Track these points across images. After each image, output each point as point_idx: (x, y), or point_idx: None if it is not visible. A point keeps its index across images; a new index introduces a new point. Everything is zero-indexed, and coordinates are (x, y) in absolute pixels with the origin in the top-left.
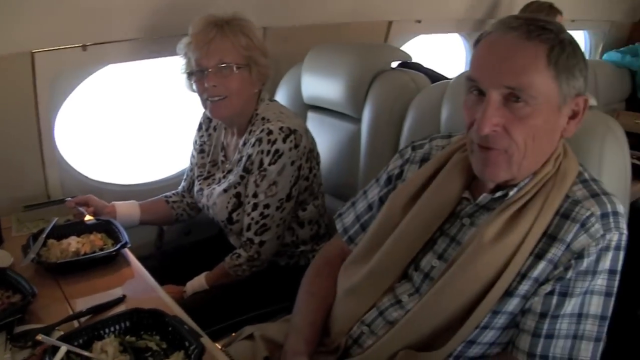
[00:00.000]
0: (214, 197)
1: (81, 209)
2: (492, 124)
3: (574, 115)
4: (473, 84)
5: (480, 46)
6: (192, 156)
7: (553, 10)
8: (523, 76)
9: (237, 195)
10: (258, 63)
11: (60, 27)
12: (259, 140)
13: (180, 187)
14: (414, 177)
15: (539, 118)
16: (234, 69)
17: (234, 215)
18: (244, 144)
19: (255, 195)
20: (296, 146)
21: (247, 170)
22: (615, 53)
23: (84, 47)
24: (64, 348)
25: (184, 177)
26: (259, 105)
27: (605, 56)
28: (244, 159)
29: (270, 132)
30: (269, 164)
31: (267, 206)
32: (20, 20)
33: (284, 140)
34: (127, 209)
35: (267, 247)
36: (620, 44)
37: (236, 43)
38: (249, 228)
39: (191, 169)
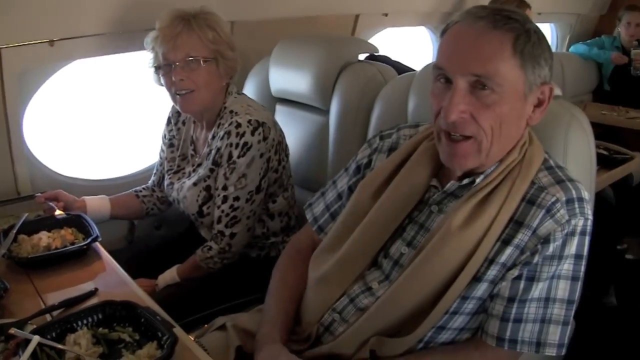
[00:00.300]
0: (184, 190)
1: (51, 204)
2: (459, 111)
3: (539, 104)
4: (440, 72)
5: (448, 35)
6: (162, 150)
7: (523, 3)
8: (489, 64)
9: (207, 189)
10: (225, 56)
11: (27, 22)
12: (228, 133)
13: (150, 182)
14: (382, 166)
15: (505, 105)
16: (201, 62)
17: (205, 208)
18: (213, 137)
19: (225, 188)
20: (264, 138)
21: (216, 164)
22: (582, 45)
23: (52, 42)
24: (36, 338)
25: (154, 171)
26: (227, 99)
27: (572, 48)
28: (213, 152)
29: (238, 125)
30: (238, 157)
31: (237, 198)
32: None
33: (253, 133)
34: (97, 204)
35: (237, 239)
36: (587, 36)
37: (203, 37)
38: (219, 220)
39: (161, 164)
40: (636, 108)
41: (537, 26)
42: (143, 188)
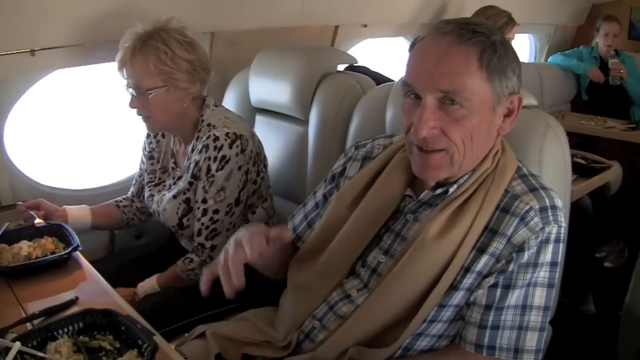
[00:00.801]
0: (163, 203)
1: (32, 212)
2: (429, 127)
3: (509, 114)
4: (408, 89)
5: (415, 51)
6: (142, 162)
7: (511, 21)
8: (456, 80)
9: (187, 201)
10: (177, 81)
11: (7, 31)
12: (206, 146)
13: (129, 192)
14: (359, 177)
15: (474, 119)
16: (149, 94)
17: (184, 220)
18: (193, 150)
19: (204, 201)
20: (242, 151)
21: (195, 177)
22: (560, 55)
23: (33, 52)
24: (17, 345)
25: (133, 182)
26: (205, 112)
27: (550, 59)
28: (192, 165)
29: (216, 139)
30: (217, 170)
31: (216, 211)
32: None
33: (230, 146)
34: (78, 213)
35: (218, 251)
36: (565, 47)
37: (146, 69)
38: (199, 233)
39: (140, 175)
40: (613, 117)
41: (503, 36)
42: (123, 198)
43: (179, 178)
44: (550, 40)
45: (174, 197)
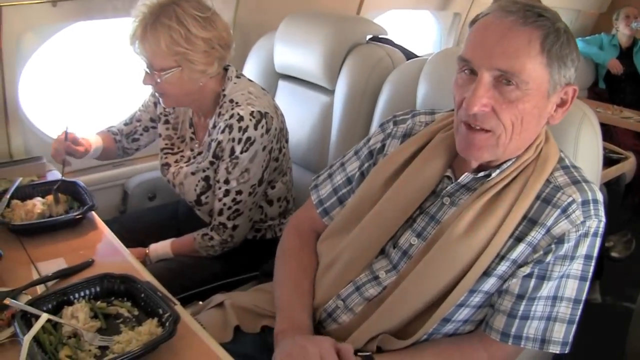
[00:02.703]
0: (180, 176)
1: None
2: (482, 104)
3: (562, 104)
4: (465, 64)
5: (476, 27)
6: (145, 107)
7: (540, 3)
8: (515, 60)
9: (206, 179)
10: (193, 62)
11: None
12: (229, 126)
13: (118, 126)
14: (396, 153)
15: (528, 103)
16: (160, 74)
17: (203, 197)
18: (214, 126)
19: (226, 182)
20: (267, 131)
21: (216, 157)
22: (581, 42)
23: (54, 2)
24: (44, 316)
25: (127, 120)
26: (227, 85)
27: None
28: (214, 144)
29: (241, 119)
30: (241, 152)
31: (239, 192)
32: None
33: (256, 127)
34: (96, 142)
35: (240, 230)
36: (585, 32)
37: (158, 49)
38: (220, 213)
39: (139, 120)
40: (630, 108)
41: (567, 26)
42: (117, 130)
43: (198, 153)
44: (571, 25)
45: (192, 173)
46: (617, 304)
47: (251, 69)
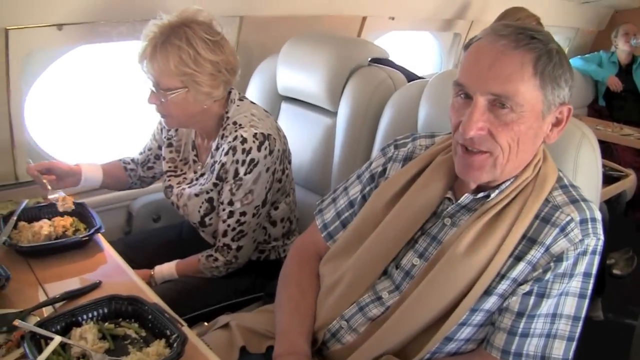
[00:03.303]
0: (184, 198)
1: (42, 179)
2: (478, 128)
3: (557, 123)
4: (460, 89)
5: (469, 52)
6: (154, 137)
7: (539, 25)
8: (509, 84)
9: (210, 200)
10: (199, 84)
11: (36, 5)
12: (233, 148)
13: (136, 157)
14: (397, 176)
15: (523, 124)
16: (166, 94)
17: (207, 219)
18: (217, 148)
19: (231, 203)
20: (270, 152)
21: (220, 179)
22: (580, 60)
23: (60, 26)
24: (57, 339)
25: (141, 150)
26: (230, 107)
27: (570, 62)
28: (217, 166)
29: (244, 140)
30: (245, 174)
31: (243, 214)
32: None
33: (259, 149)
34: (91, 171)
35: (244, 251)
36: (584, 50)
37: (166, 68)
38: (225, 234)
39: (150, 148)
40: (630, 125)
41: (559, 46)
42: (131, 160)
43: (201, 175)
44: (570, 43)
45: (196, 195)
46: (620, 321)
47: (254, 91)
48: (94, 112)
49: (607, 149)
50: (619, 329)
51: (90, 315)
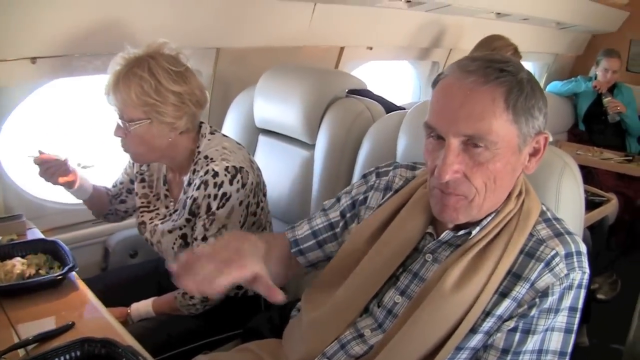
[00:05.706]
0: (157, 234)
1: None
2: (453, 171)
3: (535, 153)
4: (432, 130)
5: (437, 91)
6: (125, 171)
7: (517, 53)
8: (481, 122)
9: (183, 237)
10: (162, 115)
11: (8, 38)
12: (205, 183)
13: (110, 188)
14: (379, 212)
15: (499, 162)
16: (131, 125)
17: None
18: (189, 183)
19: (204, 239)
20: (243, 185)
21: (193, 214)
22: (559, 83)
23: (34, 59)
24: None
25: (114, 183)
26: (201, 142)
27: (549, 87)
28: (189, 201)
29: (216, 174)
30: (217, 208)
31: None
32: None
33: (231, 182)
34: (85, 179)
35: None
36: (563, 74)
37: (128, 99)
38: None
39: (122, 182)
40: (610, 149)
41: (530, 74)
42: (113, 187)
43: (175, 211)
44: (548, 68)
45: (169, 231)
46: (606, 346)
47: (231, 123)
48: (70, 146)
49: (589, 174)
50: (605, 354)
51: (62, 358)
